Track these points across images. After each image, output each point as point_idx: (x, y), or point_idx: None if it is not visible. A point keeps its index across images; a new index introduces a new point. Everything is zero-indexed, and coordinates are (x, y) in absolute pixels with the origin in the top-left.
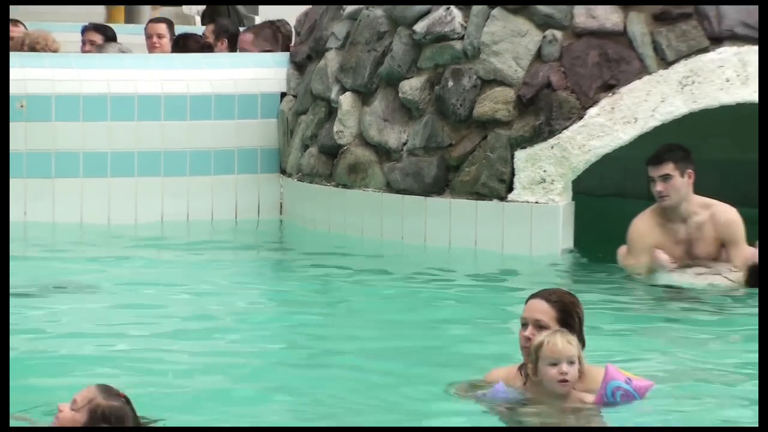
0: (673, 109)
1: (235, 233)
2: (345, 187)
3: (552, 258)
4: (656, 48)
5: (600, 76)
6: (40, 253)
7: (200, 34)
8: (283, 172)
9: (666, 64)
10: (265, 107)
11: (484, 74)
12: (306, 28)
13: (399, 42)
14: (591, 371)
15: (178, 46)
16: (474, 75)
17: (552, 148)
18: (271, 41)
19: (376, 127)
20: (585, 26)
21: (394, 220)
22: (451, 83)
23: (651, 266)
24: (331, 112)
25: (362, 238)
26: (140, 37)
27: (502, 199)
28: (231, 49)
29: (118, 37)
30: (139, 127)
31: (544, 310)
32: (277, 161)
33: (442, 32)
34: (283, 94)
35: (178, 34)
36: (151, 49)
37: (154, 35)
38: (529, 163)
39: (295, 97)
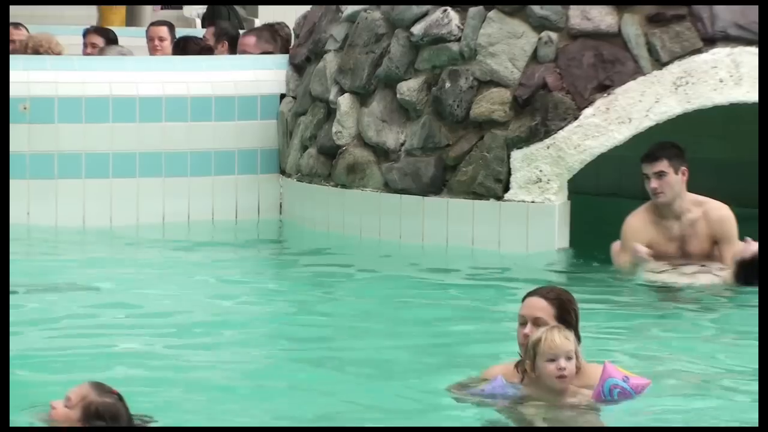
0: (667, 110)
1: (236, 233)
2: (344, 187)
3: (548, 256)
4: (650, 49)
5: (595, 77)
6: (43, 252)
7: (201, 37)
8: (283, 173)
9: (660, 65)
10: (265, 108)
11: (481, 75)
12: (305, 31)
13: (397, 44)
14: (587, 367)
15: (179, 48)
16: (471, 76)
17: (548, 148)
18: (270, 43)
19: (374, 128)
20: (580, 28)
21: (393, 220)
22: (448, 84)
23: (632, 260)
24: (330, 113)
25: (361, 238)
26: (141, 40)
27: (499, 198)
28: (231, 51)
29: (120, 39)
30: (141, 128)
31: (542, 308)
32: (277, 162)
33: (439, 34)
34: (283, 96)
35: (179, 37)
36: (153, 51)
37: (156, 38)
38: (525, 163)
39: (295, 98)
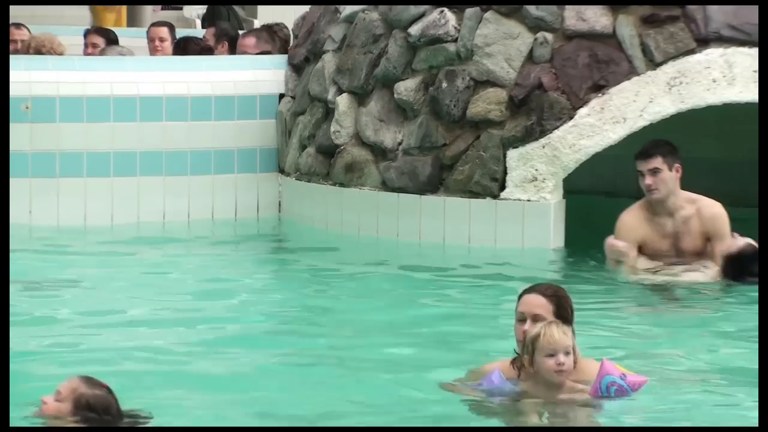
0: (661, 109)
1: (235, 231)
2: (342, 185)
3: (543, 254)
4: (645, 50)
5: (590, 77)
6: (45, 250)
7: (201, 38)
8: (282, 172)
9: (654, 65)
10: (264, 108)
11: (477, 75)
12: (303, 31)
13: (394, 44)
14: (583, 363)
15: (180, 48)
16: (467, 76)
17: (543, 147)
18: (269, 43)
19: (372, 128)
20: (575, 29)
21: (390, 218)
22: (444, 84)
23: (612, 256)
24: (328, 112)
25: (359, 236)
26: (142, 40)
27: (495, 197)
28: (231, 51)
29: (121, 40)
30: (141, 127)
31: (541, 305)
32: (276, 161)
33: (436, 35)
34: (282, 96)
35: (180, 37)
36: (153, 52)
37: (156, 38)
38: (521, 162)
39: (293, 98)
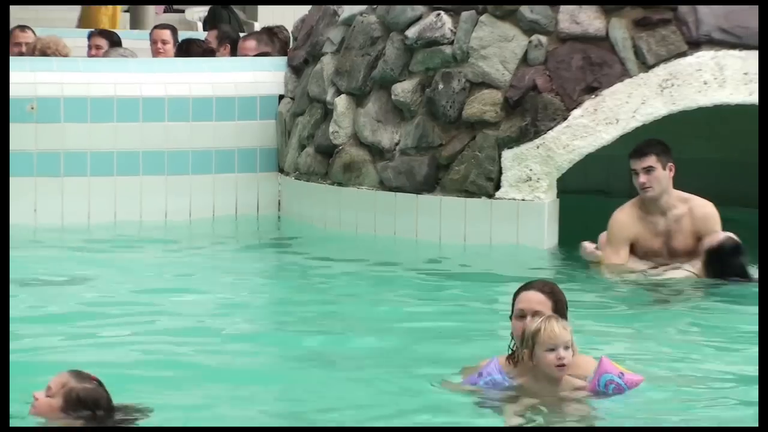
0: (653, 111)
1: (236, 229)
2: (340, 185)
3: (538, 253)
4: (637, 52)
5: (583, 79)
6: (49, 248)
7: (203, 40)
8: (281, 171)
9: (646, 67)
10: (264, 109)
11: (473, 77)
12: (303, 34)
13: (392, 47)
14: (578, 357)
15: (182, 50)
16: (463, 78)
17: (538, 147)
18: (269, 45)
19: (369, 128)
20: (569, 31)
21: (387, 217)
22: (441, 86)
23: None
24: (327, 113)
25: (356, 234)
26: (145, 42)
27: (490, 196)
28: (233, 53)
29: (124, 42)
30: (144, 128)
31: (541, 301)
32: (276, 160)
33: (433, 37)
34: (281, 97)
35: (183, 39)
36: (156, 54)
37: (159, 41)
38: (515, 162)
39: (293, 99)
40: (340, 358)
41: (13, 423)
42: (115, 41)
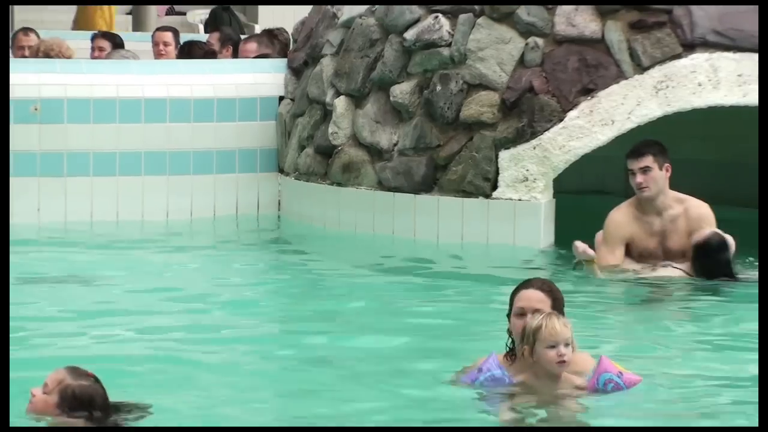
0: (648, 112)
1: (236, 229)
2: (339, 185)
3: (534, 252)
4: (632, 54)
5: (579, 81)
6: (52, 247)
7: (205, 42)
8: (281, 171)
9: (641, 69)
10: (264, 110)
11: (470, 79)
12: (302, 36)
13: (390, 49)
14: (576, 355)
15: (184, 52)
16: (460, 80)
17: (534, 148)
18: (269, 47)
19: (368, 129)
20: (565, 34)
21: (386, 217)
22: (439, 87)
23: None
24: (326, 114)
25: (355, 234)
26: (147, 45)
27: (487, 196)
28: (235, 55)
29: (126, 44)
30: (146, 128)
31: (541, 299)
32: (276, 161)
33: (431, 39)
34: (281, 98)
35: (185, 41)
36: (157, 56)
37: (161, 43)
38: (512, 163)
39: (293, 100)
40: (339, 357)
41: (13, 420)
42: (117, 43)
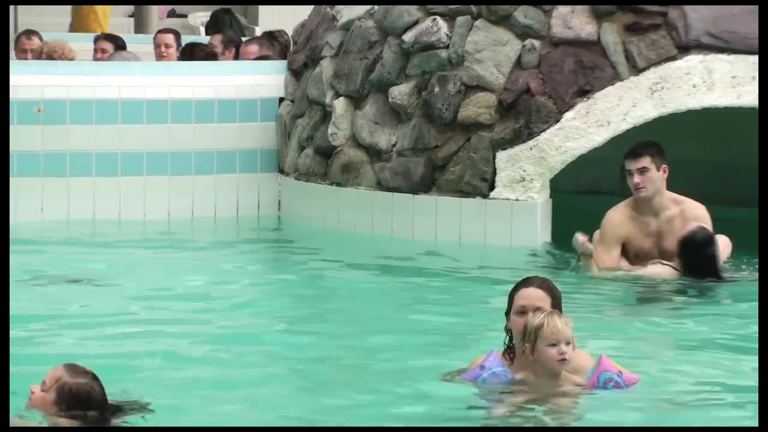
0: (644, 113)
1: (237, 229)
2: (339, 185)
3: (531, 251)
4: (628, 56)
5: (575, 82)
6: (55, 246)
7: (206, 44)
8: (281, 172)
9: (637, 71)
10: (265, 111)
11: (468, 80)
12: (302, 38)
13: (389, 51)
14: (575, 353)
15: (186, 54)
16: (458, 81)
17: (531, 149)
18: (270, 49)
19: (367, 130)
20: (561, 36)
21: (385, 216)
22: (437, 89)
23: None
24: (326, 115)
25: (354, 233)
26: (149, 46)
27: (485, 196)
28: (237, 57)
29: (128, 46)
30: (148, 129)
31: (542, 297)
32: (276, 161)
33: (429, 42)
34: (281, 99)
35: (186, 43)
36: (159, 57)
37: (162, 45)
38: (509, 163)
39: (293, 101)
40: (339, 357)
41: (13, 418)
42: (120, 45)
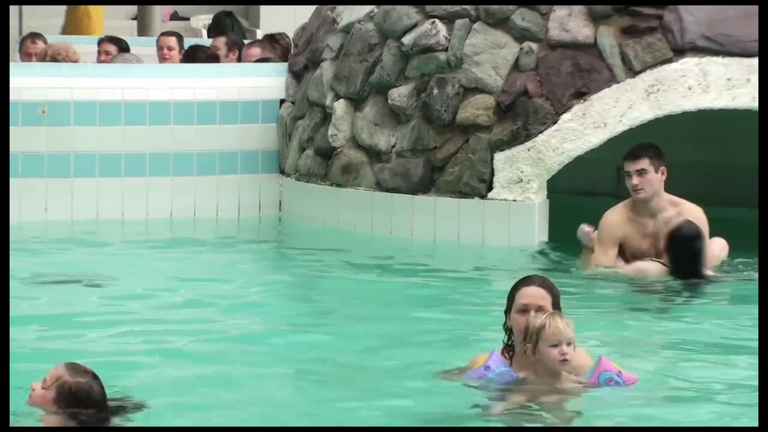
0: (640, 115)
1: (238, 228)
2: (339, 186)
3: (528, 251)
4: (624, 59)
5: (572, 85)
6: (59, 245)
7: (208, 46)
8: (282, 173)
9: (633, 73)
10: (266, 113)
11: (466, 83)
12: (303, 41)
13: (388, 53)
14: (575, 352)
15: (189, 56)
16: (457, 83)
17: (528, 150)
18: (271, 51)
19: (367, 131)
20: (559, 39)
21: (384, 217)
22: (436, 91)
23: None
24: (326, 117)
25: (354, 233)
26: (151, 49)
27: (483, 197)
28: (239, 59)
29: (131, 48)
30: (151, 131)
31: (543, 296)
32: (277, 162)
33: (428, 44)
34: (282, 101)
35: (189, 46)
36: (162, 60)
37: (165, 47)
38: (507, 164)
39: (293, 103)
40: (339, 356)
41: (13, 417)
42: (123, 48)
